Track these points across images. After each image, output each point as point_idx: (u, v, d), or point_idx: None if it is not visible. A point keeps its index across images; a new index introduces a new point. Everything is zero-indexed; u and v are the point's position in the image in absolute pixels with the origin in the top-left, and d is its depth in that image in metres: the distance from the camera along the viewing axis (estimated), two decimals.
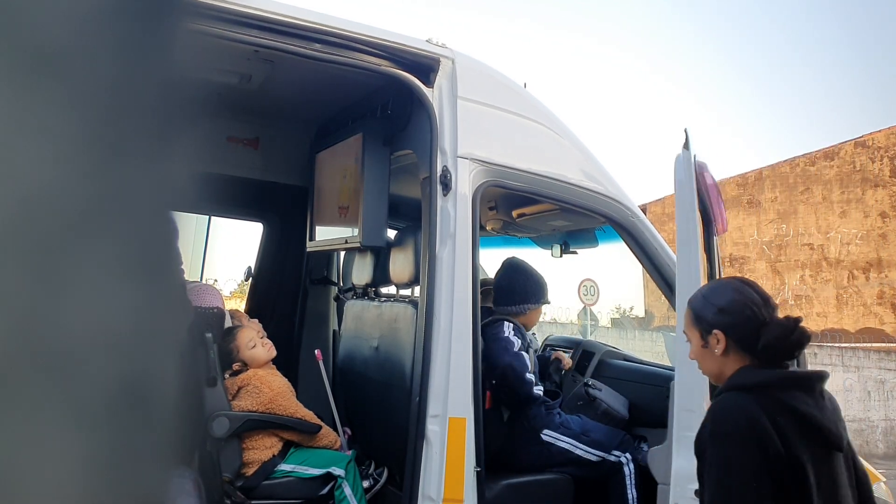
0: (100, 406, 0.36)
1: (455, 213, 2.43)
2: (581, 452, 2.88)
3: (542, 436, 2.91)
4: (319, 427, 2.72)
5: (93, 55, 0.36)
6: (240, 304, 4.59)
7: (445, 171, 2.44)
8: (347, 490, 2.57)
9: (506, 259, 3.32)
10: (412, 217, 3.02)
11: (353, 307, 3.29)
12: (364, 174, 2.77)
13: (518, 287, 3.16)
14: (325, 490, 2.61)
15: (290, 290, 3.87)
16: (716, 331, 1.64)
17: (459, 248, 2.42)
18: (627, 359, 3.76)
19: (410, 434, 2.34)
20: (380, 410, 2.79)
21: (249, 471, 2.56)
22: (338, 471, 2.60)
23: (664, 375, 3.12)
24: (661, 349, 9.80)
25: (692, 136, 2.30)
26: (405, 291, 2.99)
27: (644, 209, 14.31)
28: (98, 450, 0.36)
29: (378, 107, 2.89)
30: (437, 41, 2.55)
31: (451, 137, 2.48)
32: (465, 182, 2.47)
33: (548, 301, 3.24)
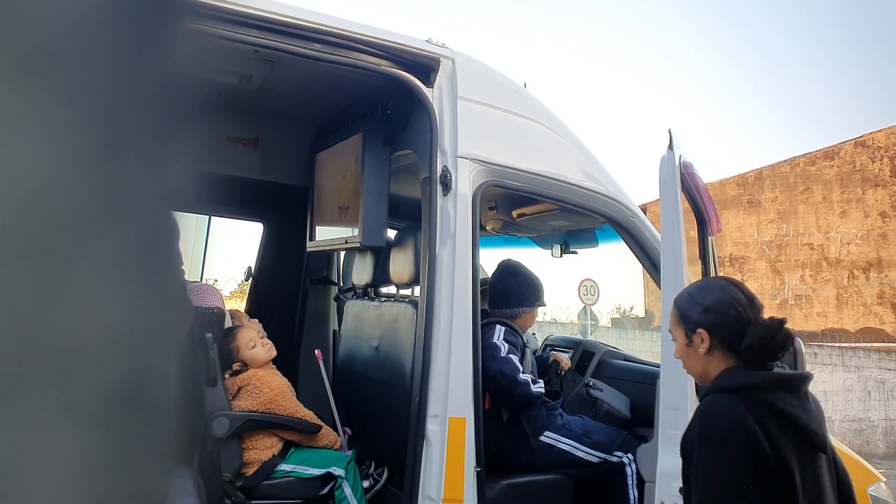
0: (100, 406, 0.36)
1: (455, 213, 2.43)
2: (582, 454, 2.88)
3: (543, 438, 2.90)
4: (319, 427, 2.72)
5: (93, 55, 0.36)
6: (240, 304, 4.59)
7: (445, 171, 2.44)
8: (347, 490, 2.57)
9: (501, 261, 3.30)
10: (412, 217, 3.02)
11: (353, 307, 3.29)
12: (364, 174, 2.77)
13: (513, 290, 3.13)
14: (326, 490, 2.61)
15: (290, 290, 3.87)
16: (700, 330, 1.64)
17: (459, 248, 2.42)
18: (628, 359, 3.75)
19: (410, 434, 2.34)
20: (380, 410, 2.79)
21: (249, 471, 2.56)
22: (338, 471, 2.60)
23: None
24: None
25: (677, 137, 2.27)
26: (405, 291, 2.99)
27: (644, 209, 14.25)
28: (98, 450, 0.36)
29: (378, 107, 2.89)
30: (437, 41, 2.55)
31: (451, 137, 2.47)
32: (465, 182, 2.47)
33: (543, 304, 3.22)
